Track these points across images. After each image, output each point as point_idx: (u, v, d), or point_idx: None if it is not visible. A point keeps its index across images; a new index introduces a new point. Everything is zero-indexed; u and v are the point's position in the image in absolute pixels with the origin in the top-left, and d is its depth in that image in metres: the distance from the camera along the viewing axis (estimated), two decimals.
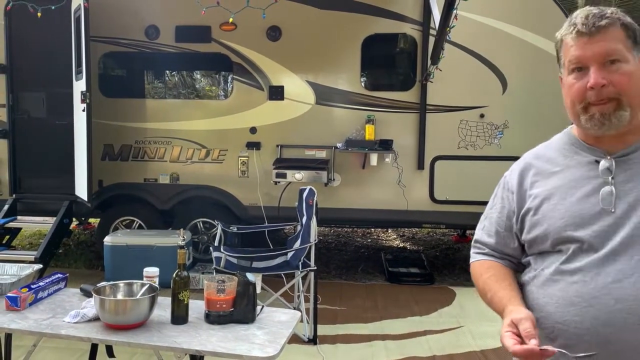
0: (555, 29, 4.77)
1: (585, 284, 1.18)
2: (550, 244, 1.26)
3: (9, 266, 2.58)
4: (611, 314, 1.14)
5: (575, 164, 1.29)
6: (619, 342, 1.13)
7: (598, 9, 1.22)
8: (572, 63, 1.24)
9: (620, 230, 1.18)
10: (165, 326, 2.02)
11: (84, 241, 6.78)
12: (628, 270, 1.15)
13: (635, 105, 1.20)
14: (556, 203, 1.26)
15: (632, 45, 1.21)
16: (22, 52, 5.27)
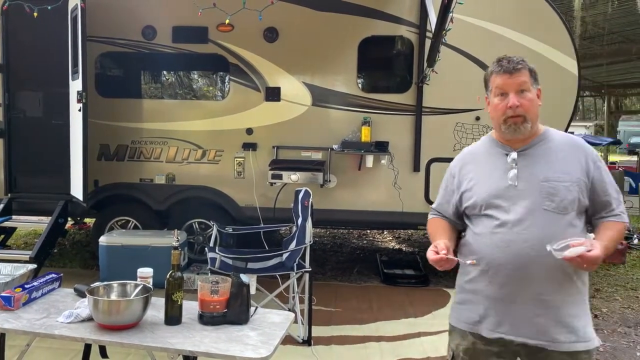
0: (551, 32, 4.80)
1: (504, 234, 1.81)
2: (479, 209, 1.89)
3: (3, 266, 2.58)
4: (522, 250, 1.78)
5: (493, 156, 1.93)
6: (526, 267, 1.79)
7: (516, 57, 1.88)
8: (498, 90, 1.87)
9: (522, 198, 1.83)
10: (159, 327, 2.02)
11: (79, 241, 6.77)
12: (530, 223, 1.80)
13: (534, 120, 1.87)
14: (482, 182, 1.91)
15: (533, 81, 1.88)
16: (19, 52, 5.26)
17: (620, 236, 1.86)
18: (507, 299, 1.82)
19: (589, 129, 25.06)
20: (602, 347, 3.87)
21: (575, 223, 1.81)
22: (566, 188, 1.81)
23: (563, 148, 1.88)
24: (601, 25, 10.15)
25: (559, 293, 1.80)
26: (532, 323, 1.79)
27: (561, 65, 4.84)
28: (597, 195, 1.85)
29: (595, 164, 1.87)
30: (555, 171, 1.83)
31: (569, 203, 1.80)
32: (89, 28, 4.64)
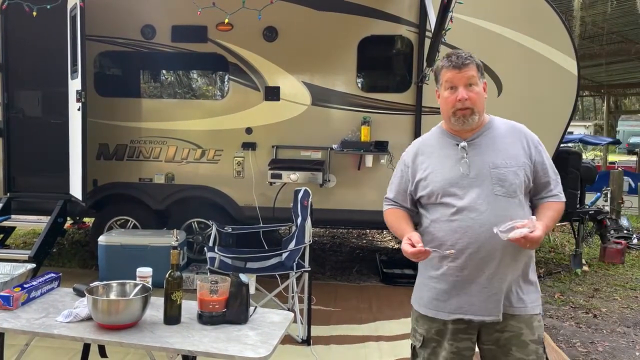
0: (550, 32, 4.80)
1: (462, 220, 1.92)
2: (436, 197, 1.98)
3: (2, 265, 2.58)
4: (479, 235, 1.90)
5: (445, 147, 2.03)
6: (483, 248, 1.90)
7: (464, 53, 1.99)
8: (448, 84, 1.97)
9: (474, 185, 1.94)
10: (158, 326, 2.02)
11: (78, 240, 6.77)
12: (484, 208, 1.91)
13: (481, 112, 1.99)
14: (437, 171, 2.00)
15: (480, 75, 1.98)
16: (18, 51, 5.26)
17: (558, 215, 2.01)
18: (467, 280, 1.94)
19: (588, 128, 25.07)
20: (601, 346, 3.88)
21: (524, 204, 1.97)
22: (514, 173, 1.94)
23: (507, 135, 2.02)
24: (600, 25, 10.15)
25: (512, 270, 1.95)
26: (490, 301, 1.93)
27: (560, 64, 4.84)
28: (538, 177, 2.00)
29: (537, 148, 2.02)
30: (502, 158, 1.96)
31: (517, 187, 1.94)
32: (88, 27, 4.63)
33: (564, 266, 6.03)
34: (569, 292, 5.15)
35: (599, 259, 6.34)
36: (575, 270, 5.75)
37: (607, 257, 6.25)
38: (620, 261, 6.20)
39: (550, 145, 4.93)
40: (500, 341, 1.97)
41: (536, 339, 1.98)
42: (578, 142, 13.05)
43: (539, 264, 6.16)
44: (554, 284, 5.39)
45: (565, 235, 7.79)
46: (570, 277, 5.60)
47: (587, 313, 4.57)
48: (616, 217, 7.65)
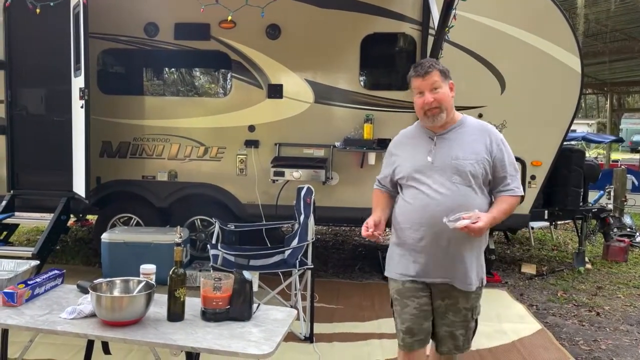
0: (554, 29, 4.78)
1: (422, 200, 2.30)
2: (406, 180, 2.36)
3: (6, 262, 2.59)
4: (435, 212, 2.24)
5: (419, 139, 2.40)
6: (438, 225, 2.23)
7: (427, 62, 2.36)
8: (417, 90, 2.33)
9: (436, 172, 2.29)
10: (162, 323, 2.02)
11: (82, 238, 6.78)
12: (442, 192, 2.26)
13: (448, 109, 2.32)
14: (409, 159, 2.38)
15: (444, 79, 2.31)
16: (21, 49, 5.26)
17: (511, 208, 2.34)
18: (423, 250, 2.33)
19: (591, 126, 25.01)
20: (604, 344, 3.87)
21: (478, 193, 2.29)
22: (471, 165, 2.27)
23: (474, 132, 2.35)
24: (604, 22, 10.12)
25: (460, 246, 2.29)
26: (441, 267, 2.32)
27: (564, 62, 4.83)
28: (497, 171, 2.32)
29: (499, 146, 2.33)
30: (464, 151, 2.29)
31: (472, 177, 2.27)
32: (91, 25, 4.63)
33: (567, 264, 6.02)
34: (572, 290, 5.14)
35: (602, 257, 6.32)
36: (578, 268, 5.74)
37: (610, 255, 6.23)
38: (623, 259, 6.18)
39: (553, 143, 4.93)
40: (440, 307, 2.39)
41: (469, 307, 2.39)
42: (581, 140, 13.01)
43: (541, 261, 6.15)
44: (556, 282, 5.38)
45: (569, 233, 7.78)
46: (573, 275, 5.59)
47: (590, 311, 4.56)
48: (619, 215, 7.63)
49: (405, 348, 2.41)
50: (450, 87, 2.34)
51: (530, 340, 3.85)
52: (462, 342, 2.43)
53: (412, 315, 2.37)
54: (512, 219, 4.95)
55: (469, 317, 2.40)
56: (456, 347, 2.42)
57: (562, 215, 5.75)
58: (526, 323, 4.18)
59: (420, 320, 2.38)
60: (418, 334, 2.38)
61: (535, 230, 7.34)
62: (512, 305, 4.60)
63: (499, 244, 6.69)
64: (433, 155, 2.31)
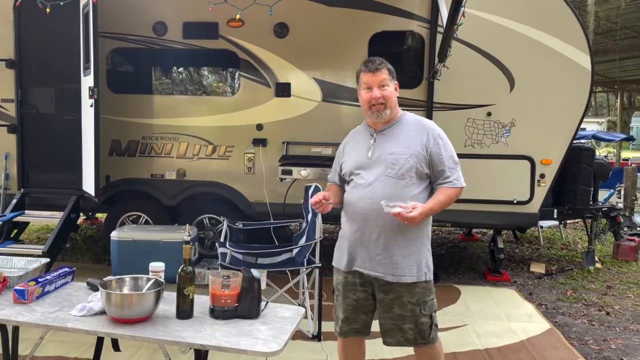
0: (563, 27, 4.73)
1: (359, 193, 2.43)
2: (348, 175, 2.51)
3: (17, 260, 2.61)
4: (368, 205, 2.39)
5: (363, 136, 2.54)
6: (370, 217, 2.39)
7: (378, 59, 2.45)
8: (365, 85, 2.44)
9: (373, 167, 2.42)
10: (171, 321, 2.03)
11: (91, 236, 6.83)
12: (376, 185, 2.39)
13: (392, 107, 2.44)
14: (352, 155, 2.52)
15: (391, 78, 2.45)
16: (31, 48, 5.30)
17: (449, 199, 2.41)
18: (359, 241, 2.45)
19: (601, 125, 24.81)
20: (614, 344, 3.84)
21: (412, 186, 2.39)
22: (405, 159, 2.38)
23: (411, 128, 2.46)
24: (614, 20, 10.04)
25: (393, 239, 2.39)
26: (376, 261, 2.42)
27: (574, 60, 4.79)
28: (435, 165, 2.42)
29: (435, 140, 2.43)
30: (399, 146, 2.41)
31: (406, 171, 2.37)
32: (100, 24, 4.66)
33: (576, 263, 5.99)
34: (582, 289, 5.11)
35: (612, 256, 6.28)
36: (588, 267, 5.70)
37: (620, 254, 6.19)
38: (633, 258, 6.13)
39: (563, 141, 4.89)
40: (385, 301, 2.45)
41: (414, 301, 2.43)
42: (591, 139, 12.92)
43: (551, 261, 6.11)
44: (566, 281, 5.35)
45: (578, 232, 7.73)
46: (582, 275, 5.55)
47: (599, 310, 4.53)
48: (630, 214, 7.57)
49: (341, 335, 2.58)
50: (396, 87, 2.47)
51: (539, 340, 3.83)
52: (412, 335, 2.45)
53: (350, 306, 2.52)
54: (521, 218, 5.00)
55: (417, 311, 2.43)
56: (407, 340, 2.47)
57: (572, 214, 5.71)
58: (535, 322, 4.16)
59: (358, 313, 2.51)
60: (353, 323, 2.53)
61: (544, 229, 7.30)
62: (521, 305, 4.58)
63: (507, 243, 6.66)
64: (372, 151, 2.44)
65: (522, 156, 4.90)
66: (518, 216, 4.99)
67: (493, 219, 5.05)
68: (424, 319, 2.45)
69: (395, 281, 2.40)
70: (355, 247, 2.46)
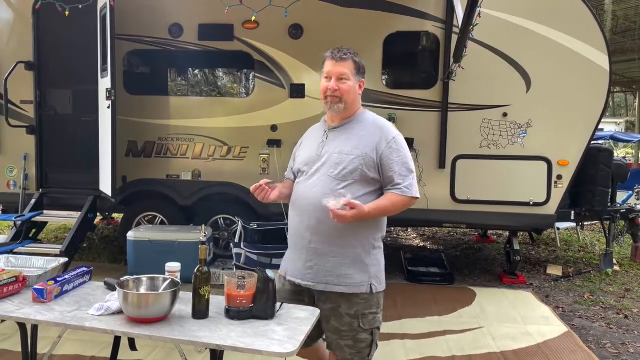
0: (581, 26, 4.68)
1: (300, 191, 2.32)
2: (297, 172, 2.39)
3: (36, 259, 2.64)
4: (304, 206, 2.28)
5: (318, 132, 2.41)
6: (306, 218, 2.27)
7: (345, 49, 2.30)
8: (326, 73, 2.29)
9: (319, 165, 2.29)
10: (187, 321, 2.04)
11: (108, 236, 6.90)
12: (315, 184, 2.27)
13: (349, 103, 2.27)
14: (304, 151, 2.41)
15: (356, 73, 2.28)
16: (50, 50, 5.38)
17: (394, 206, 2.23)
18: (294, 247, 2.33)
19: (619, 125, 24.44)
20: (632, 348, 3.79)
21: (353, 190, 2.20)
22: (351, 160, 2.22)
23: (365, 128, 2.30)
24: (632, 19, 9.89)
25: (328, 244, 2.23)
26: (306, 267, 2.27)
27: (592, 60, 4.73)
28: (384, 170, 2.25)
29: (388, 144, 2.25)
30: (348, 146, 2.26)
31: (349, 172, 2.22)
32: (117, 26, 4.71)
33: (594, 266, 5.91)
34: (599, 292, 5.04)
35: (630, 259, 6.18)
36: (605, 270, 5.62)
37: (638, 257, 6.10)
38: None
39: (581, 142, 4.84)
40: (324, 311, 2.25)
41: (352, 313, 2.24)
42: (609, 139, 12.75)
43: (567, 263, 6.04)
44: (583, 283, 5.28)
45: (596, 234, 7.62)
46: (600, 277, 5.48)
47: (618, 314, 4.47)
48: None
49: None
50: (360, 84, 2.32)
51: (556, 343, 3.78)
52: (349, 355, 2.26)
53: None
54: (537, 219, 4.94)
55: (355, 326, 2.24)
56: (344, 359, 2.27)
57: (590, 216, 5.64)
58: (552, 325, 4.12)
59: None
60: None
61: (561, 231, 7.21)
62: (538, 307, 4.53)
63: (523, 245, 6.59)
64: (322, 148, 2.30)
65: (539, 157, 4.85)
66: (534, 218, 4.94)
67: (509, 221, 5.00)
68: (363, 335, 2.25)
69: (329, 290, 2.24)
70: (291, 252, 2.35)
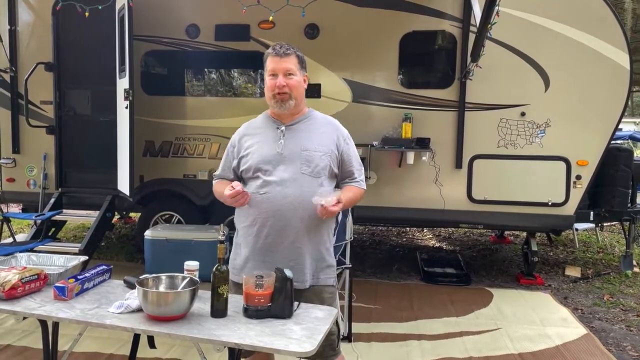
0: (601, 24, 4.62)
1: (269, 192, 2.22)
2: (252, 172, 2.28)
3: (57, 257, 2.68)
4: (282, 206, 2.20)
5: (267, 129, 2.33)
6: (284, 217, 2.21)
7: (287, 45, 2.28)
8: (270, 71, 2.26)
9: (285, 163, 2.24)
10: (205, 319, 2.05)
11: (125, 235, 6.97)
12: (290, 183, 2.21)
13: (298, 98, 2.28)
14: (256, 150, 2.29)
15: (300, 67, 2.29)
16: (69, 51, 5.45)
17: (357, 199, 2.35)
18: (270, 248, 2.24)
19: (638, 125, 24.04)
20: None
21: (325, 185, 2.26)
22: (320, 157, 2.25)
23: (322, 125, 2.34)
24: None
25: (309, 241, 2.25)
26: (288, 268, 2.13)
27: (611, 58, 4.67)
28: (344, 165, 2.34)
29: (345, 141, 2.36)
30: (313, 143, 2.27)
31: (321, 169, 2.25)
32: (135, 27, 4.75)
33: (613, 267, 5.82)
34: (619, 294, 4.96)
35: None
36: (625, 271, 5.54)
37: None
38: None
39: (600, 142, 4.77)
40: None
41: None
42: (628, 139, 12.56)
43: (586, 264, 5.96)
44: (603, 285, 5.21)
45: (615, 235, 7.51)
46: (620, 279, 5.40)
47: (638, 316, 4.40)
48: None
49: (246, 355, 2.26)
50: (305, 79, 2.31)
51: (575, 345, 3.74)
52: (322, 348, 2.10)
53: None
54: (556, 220, 4.89)
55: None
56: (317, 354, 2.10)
57: (609, 216, 5.56)
58: (571, 327, 4.07)
59: None
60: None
61: (579, 232, 7.12)
62: (556, 309, 4.48)
63: (541, 246, 6.52)
64: (282, 146, 2.25)
65: (558, 157, 4.80)
66: (553, 218, 4.88)
67: (527, 221, 4.95)
68: (334, 327, 2.24)
69: (304, 287, 2.23)
70: (263, 255, 2.25)
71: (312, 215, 2.20)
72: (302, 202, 2.19)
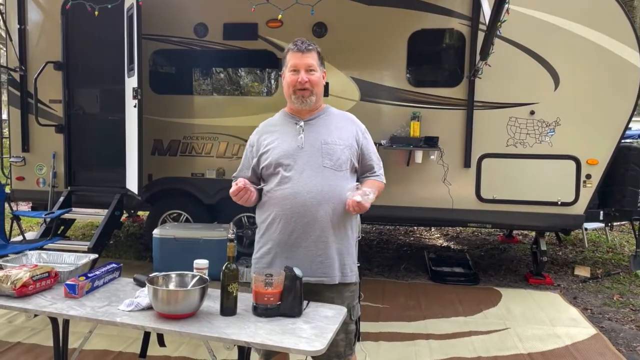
0: (611, 22, 4.59)
1: (292, 187, 2.20)
2: (273, 167, 2.25)
3: (67, 255, 2.70)
4: (306, 200, 2.18)
5: (286, 125, 2.33)
6: (310, 213, 2.19)
7: (307, 41, 2.27)
8: (292, 67, 2.25)
9: (306, 158, 2.23)
10: (215, 317, 2.06)
11: (133, 233, 7.00)
12: (312, 177, 2.20)
13: (318, 95, 2.28)
14: (276, 145, 2.27)
15: (320, 63, 2.29)
16: (78, 50, 5.47)
17: (379, 193, 2.31)
18: (295, 243, 2.21)
19: None
20: None
21: (347, 179, 2.26)
22: (341, 150, 2.25)
23: (340, 120, 2.35)
24: None
25: (334, 235, 2.23)
26: (314, 262, 2.20)
27: (622, 56, 4.62)
28: (364, 159, 2.36)
29: (364, 135, 2.36)
30: (333, 137, 2.27)
31: (342, 162, 2.25)
32: (143, 26, 4.77)
33: (623, 267, 5.78)
34: (629, 294, 4.93)
35: None
36: (635, 271, 5.49)
37: None
38: None
39: (610, 141, 4.73)
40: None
41: (345, 306, 2.23)
42: (638, 138, 12.45)
43: (596, 264, 5.92)
44: (612, 285, 5.17)
45: (625, 235, 7.46)
46: (630, 279, 5.36)
47: None
48: None
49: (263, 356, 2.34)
50: (323, 75, 2.32)
51: (585, 345, 3.71)
52: (343, 348, 2.24)
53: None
54: (565, 219, 4.86)
55: (347, 318, 2.21)
56: (337, 354, 2.22)
57: (619, 216, 5.51)
58: (580, 327, 4.04)
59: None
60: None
61: (588, 232, 7.08)
62: (566, 309, 4.45)
63: (550, 246, 6.48)
64: (302, 140, 2.24)
65: (567, 156, 4.76)
66: (562, 218, 4.85)
67: (536, 221, 4.92)
68: (352, 326, 2.28)
69: (332, 283, 2.23)
70: (289, 251, 2.22)
71: (336, 209, 2.19)
72: (325, 195, 2.18)
